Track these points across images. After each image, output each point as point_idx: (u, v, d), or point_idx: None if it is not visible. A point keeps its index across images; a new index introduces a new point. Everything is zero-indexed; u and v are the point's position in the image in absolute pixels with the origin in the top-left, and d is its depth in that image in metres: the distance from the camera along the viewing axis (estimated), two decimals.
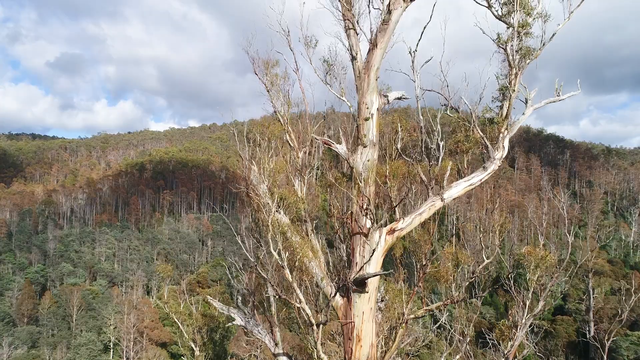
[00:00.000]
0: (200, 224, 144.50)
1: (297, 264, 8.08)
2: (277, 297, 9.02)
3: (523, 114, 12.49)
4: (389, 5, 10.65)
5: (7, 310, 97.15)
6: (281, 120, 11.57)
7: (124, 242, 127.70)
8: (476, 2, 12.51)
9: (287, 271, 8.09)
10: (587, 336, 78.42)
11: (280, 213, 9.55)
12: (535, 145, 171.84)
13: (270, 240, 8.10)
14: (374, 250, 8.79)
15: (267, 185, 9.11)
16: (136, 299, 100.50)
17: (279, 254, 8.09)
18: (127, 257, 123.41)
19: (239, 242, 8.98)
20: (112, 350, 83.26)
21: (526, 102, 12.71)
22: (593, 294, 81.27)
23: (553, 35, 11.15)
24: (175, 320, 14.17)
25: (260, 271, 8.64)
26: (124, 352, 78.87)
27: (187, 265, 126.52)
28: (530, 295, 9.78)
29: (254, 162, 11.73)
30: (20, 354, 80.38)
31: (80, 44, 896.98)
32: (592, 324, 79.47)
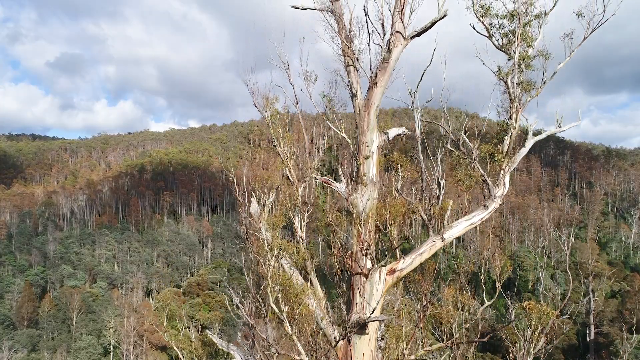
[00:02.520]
0: (200, 226, 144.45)
1: (297, 317, 8.07)
2: (277, 354, 9.01)
3: (524, 146, 12.44)
4: (389, 43, 10.57)
5: (7, 313, 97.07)
6: (281, 155, 11.52)
7: (124, 243, 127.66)
8: (477, 32, 12.46)
9: (287, 324, 8.07)
10: (588, 339, 78.46)
11: (280, 257, 9.51)
12: (535, 145, 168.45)
13: (270, 294, 8.06)
14: (374, 309, 8.75)
15: (268, 238, 9.07)
16: (136, 301, 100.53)
17: (278, 307, 8.06)
18: (127, 259, 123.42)
19: (244, 316, 8.87)
20: (112, 353, 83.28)
21: (527, 134, 12.67)
22: (593, 296, 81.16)
23: (554, 73, 11.10)
24: (175, 348, 14.14)
25: (260, 333, 8.62)
26: (124, 355, 78.87)
27: (187, 267, 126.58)
28: (531, 350, 9.72)
29: (254, 194, 11.71)
30: (20, 357, 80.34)
31: (80, 44, 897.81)
32: (592, 327, 79.51)
